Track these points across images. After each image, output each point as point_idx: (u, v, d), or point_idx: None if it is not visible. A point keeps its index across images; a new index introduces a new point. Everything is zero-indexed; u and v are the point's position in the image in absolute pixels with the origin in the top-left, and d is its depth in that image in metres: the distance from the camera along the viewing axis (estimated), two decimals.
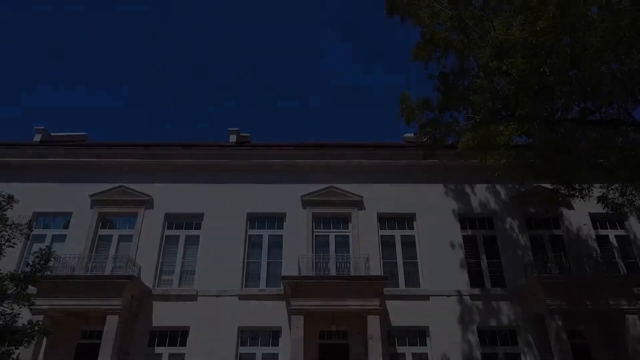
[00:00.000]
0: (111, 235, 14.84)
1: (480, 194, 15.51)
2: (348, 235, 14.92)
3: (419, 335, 13.49)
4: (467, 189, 15.60)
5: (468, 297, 13.80)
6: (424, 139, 12.55)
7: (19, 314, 9.04)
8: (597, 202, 12.12)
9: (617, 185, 11.96)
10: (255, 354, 13.18)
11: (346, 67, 42.85)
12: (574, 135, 10.14)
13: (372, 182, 15.55)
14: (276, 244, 14.82)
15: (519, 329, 13.47)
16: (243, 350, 13.21)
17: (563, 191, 12.71)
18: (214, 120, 41.36)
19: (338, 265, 14.01)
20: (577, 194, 11.62)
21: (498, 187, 15.58)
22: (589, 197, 11.71)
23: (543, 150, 9.92)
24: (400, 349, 13.26)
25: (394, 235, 14.98)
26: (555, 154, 10.31)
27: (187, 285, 14.14)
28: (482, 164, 12.25)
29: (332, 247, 14.71)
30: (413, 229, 15.07)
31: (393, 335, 13.43)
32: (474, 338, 13.25)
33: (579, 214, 15.02)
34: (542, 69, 8.34)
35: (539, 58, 8.47)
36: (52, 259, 9.44)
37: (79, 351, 13.14)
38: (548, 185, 13.54)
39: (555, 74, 8.42)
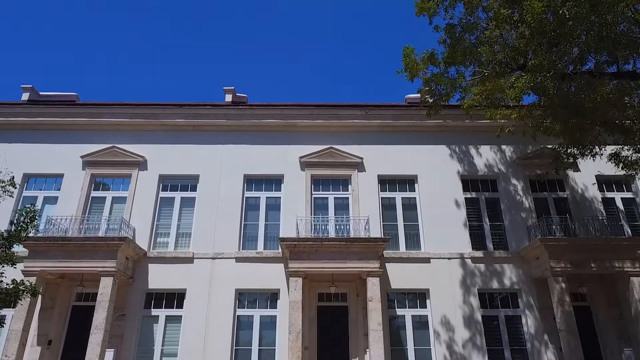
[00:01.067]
0: (104, 197, 14.45)
1: (483, 156, 15.05)
2: (348, 198, 14.55)
3: (419, 297, 13.32)
4: (471, 151, 15.12)
5: (470, 260, 13.55)
6: (428, 96, 11.95)
7: (2, 272, 8.69)
8: (608, 161, 11.67)
9: (628, 147, 11.52)
10: (252, 316, 13.03)
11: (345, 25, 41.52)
12: (587, 91, 9.55)
13: (372, 143, 15.07)
14: (274, 206, 14.46)
15: (520, 291, 13.28)
16: (241, 312, 13.05)
17: (571, 151, 12.29)
18: (210, 81, 40.41)
19: (337, 227, 13.68)
20: (588, 153, 11.15)
21: (502, 148, 15.11)
22: (601, 155, 11.25)
23: (555, 106, 9.36)
24: (400, 312, 13.10)
25: (394, 198, 14.61)
26: (567, 109, 9.79)
27: (183, 248, 13.87)
28: (489, 122, 11.72)
29: (331, 210, 14.37)
30: (414, 191, 14.68)
31: (393, 298, 13.26)
32: (474, 300, 13.08)
33: (585, 176, 14.62)
34: (560, 12, 7.70)
35: (555, 1, 7.83)
36: (37, 217, 9.02)
37: (74, 313, 12.98)
38: (554, 146, 13.11)
39: (574, 19, 7.78)
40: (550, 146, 14.23)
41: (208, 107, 15.17)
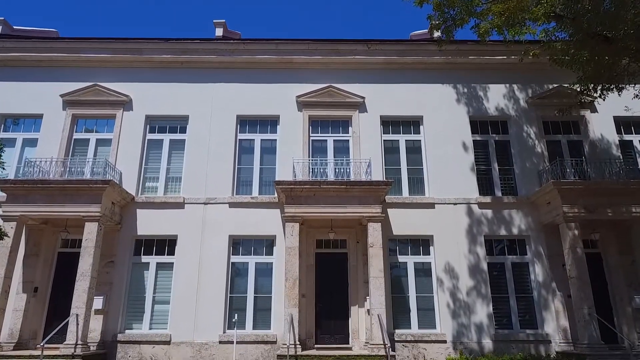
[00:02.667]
0: (88, 140, 13.51)
1: (494, 96, 13.99)
2: (348, 141, 13.63)
3: (422, 244, 12.70)
4: (480, 90, 14.05)
5: (476, 206, 12.82)
6: (439, 21, 10.76)
7: None
8: (635, 97, 10.67)
9: None
10: (248, 263, 12.45)
11: None
12: (622, 10, 8.40)
13: (375, 82, 13.97)
14: (269, 149, 13.56)
15: (528, 238, 12.64)
16: (235, 259, 12.46)
17: (592, 87, 11.27)
18: (200, 15, 38.27)
19: (336, 170, 12.83)
20: (613, 88, 10.13)
21: (514, 87, 14.04)
22: (628, 87, 10.23)
23: (583, 26, 8.26)
24: (402, 259, 12.52)
25: (398, 140, 13.68)
26: (593, 39, 8.72)
27: (173, 193, 13.10)
28: (501, 58, 10.60)
29: (330, 153, 13.48)
30: (419, 133, 13.74)
31: (394, 245, 12.64)
32: (480, 247, 12.47)
33: (603, 118, 13.65)
34: None
35: None
36: (2, 153, 8.13)
37: (60, 260, 12.39)
38: (572, 84, 12.05)
39: None
40: (567, 85, 13.22)
41: (197, 42, 13.93)
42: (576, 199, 11.58)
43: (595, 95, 11.39)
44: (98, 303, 11.59)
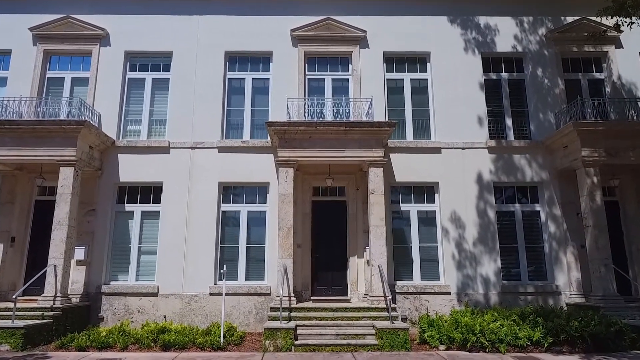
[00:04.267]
0: (63, 78, 12.32)
1: (509, 30, 12.67)
2: (347, 79, 12.44)
3: (426, 192, 11.81)
4: (494, 24, 12.70)
5: (486, 150, 11.83)
6: None
7: None
8: None
9: None
10: (239, 212, 11.61)
11: None
12: None
13: (378, 14, 12.61)
14: (261, 89, 12.40)
15: (541, 185, 11.74)
16: (226, 207, 11.61)
17: (621, 20, 10.02)
18: None
19: (335, 111, 11.76)
20: None
21: (532, 20, 12.69)
22: None
23: None
24: (405, 207, 11.67)
25: (402, 79, 12.49)
26: None
27: (158, 137, 12.07)
28: None
29: (328, 94, 12.34)
30: (426, 71, 12.52)
31: (397, 193, 11.77)
32: (489, 195, 11.58)
33: (628, 54, 12.41)
34: None
35: None
36: None
37: (37, 209, 11.54)
38: (597, 15, 10.74)
39: None
40: (591, 18, 11.92)
41: None
42: (596, 142, 10.58)
43: (626, 21, 10.14)
44: (79, 253, 10.85)
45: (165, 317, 10.79)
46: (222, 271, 9.41)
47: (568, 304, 10.84)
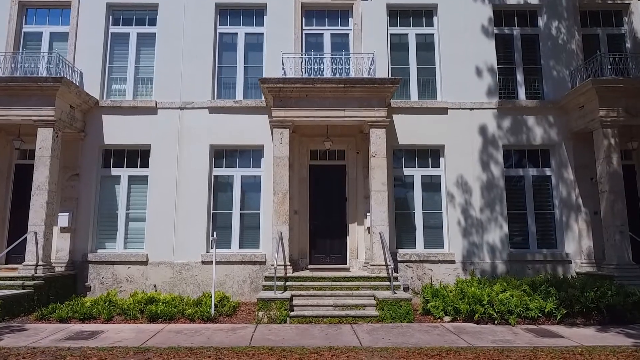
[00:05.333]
0: (41, 33, 11.42)
1: None
2: (348, 35, 11.53)
3: (431, 155, 11.11)
4: None
5: (496, 111, 11.06)
6: None
7: None
8: None
9: None
10: (232, 176, 10.94)
11: None
12: None
13: None
14: (255, 45, 11.51)
15: (553, 148, 11.02)
16: (218, 172, 10.94)
17: None
18: None
19: (334, 67, 10.92)
20: None
21: None
22: None
23: None
24: (408, 171, 10.99)
25: (407, 35, 11.58)
26: None
27: (144, 96, 11.27)
28: None
29: (327, 50, 11.46)
30: (432, 26, 11.60)
31: (400, 156, 11.07)
32: (498, 158, 10.88)
33: None
34: None
35: None
36: None
37: (18, 173, 10.88)
38: None
39: None
40: None
41: None
42: (616, 101, 9.81)
43: None
44: (63, 220, 10.25)
45: (155, 286, 10.28)
46: (212, 238, 8.81)
47: (578, 272, 10.31)
